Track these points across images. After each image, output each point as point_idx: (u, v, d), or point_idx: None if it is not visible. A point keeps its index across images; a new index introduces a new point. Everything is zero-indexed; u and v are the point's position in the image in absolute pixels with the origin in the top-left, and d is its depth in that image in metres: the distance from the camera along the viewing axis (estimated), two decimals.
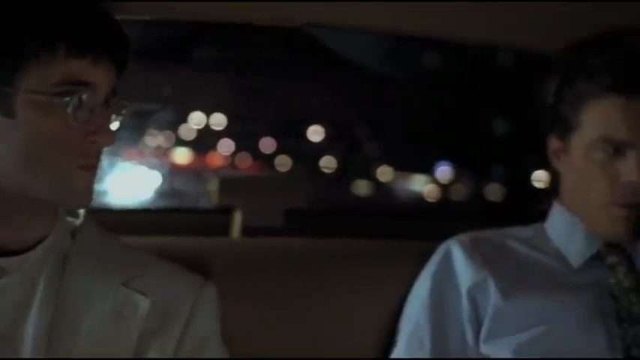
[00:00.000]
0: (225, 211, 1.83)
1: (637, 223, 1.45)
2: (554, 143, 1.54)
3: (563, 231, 1.54)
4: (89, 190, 1.16)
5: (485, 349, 1.45)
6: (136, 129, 2.70)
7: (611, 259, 1.50)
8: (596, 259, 1.51)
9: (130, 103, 1.19)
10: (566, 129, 1.52)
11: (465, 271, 1.49)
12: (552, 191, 1.60)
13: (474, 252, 1.51)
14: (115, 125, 1.18)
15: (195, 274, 1.31)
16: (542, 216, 1.61)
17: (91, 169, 1.16)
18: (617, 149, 1.45)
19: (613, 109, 1.46)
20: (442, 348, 1.47)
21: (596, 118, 1.47)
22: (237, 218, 1.80)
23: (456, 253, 1.52)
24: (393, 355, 1.52)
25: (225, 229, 1.82)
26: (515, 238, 1.58)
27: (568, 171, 1.54)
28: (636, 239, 1.49)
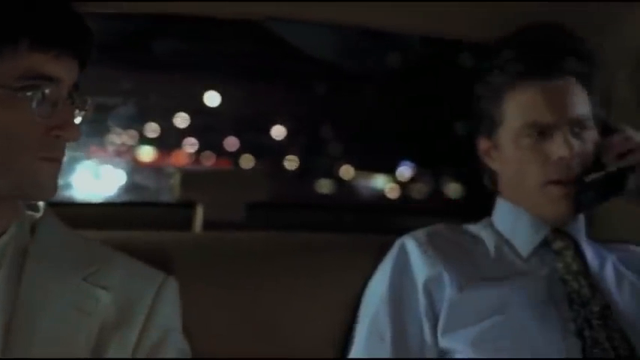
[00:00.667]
0: (188, 206, 1.81)
1: (575, 198, 1.47)
2: (483, 143, 1.58)
3: (509, 222, 1.57)
4: (53, 183, 1.15)
5: (443, 343, 1.45)
6: (99, 124, 2.65)
7: (558, 244, 1.53)
8: (545, 245, 1.53)
9: (92, 97, 1.18)
10: (491, 126, 1.55)
11: (420, 265, 1.50)
12: (493, 191, 1.63)
13: (428, 247, 1.52)
14: (78, 119, 1.16)
15: (156, 269, 1.30)
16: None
17: (54, 162, 1.14)
18: (543, 132, 1.48)
19: (532, 95, 1.49)
20: (402, 342, 1.47)
21: (518, 107, 1.51)
22: (200, 212, 1.77)
23: (411, 248, 1.53)
24: (353, 350, 1.51)
25: (188, 224, 1.80)
26: (467, 233, 1.60)
27: (502, 165, 1.57)
28: (578, 214, 1.52)
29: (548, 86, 1.49)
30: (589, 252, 1.54)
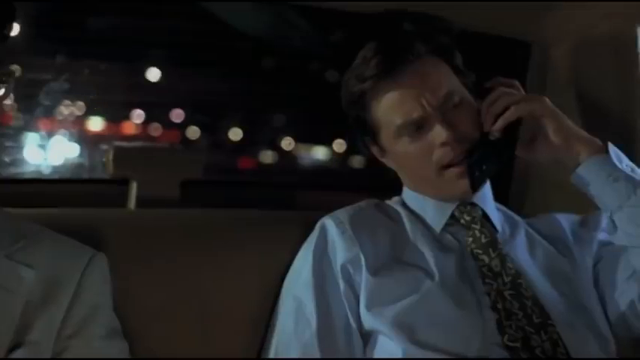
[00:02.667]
0: (123, 182, 1.73)
1: (470, 176, 1.43)
2: (373, 149, 1.54)
3: (418, 204, 1.54)
4: None
5: (367, 324, 1.42)
6: (39, 98, 2.54)
7: (465, 218, 1.50)
8: (456, 221, 1.51)
9: (14, 70, 1.11)
10: (372, 133, 1.51)
11: (338, 247, 1.47)
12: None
13: (347, 227, 1.48)
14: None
15: (84, 244, 1.25)
16: None
17: None
18: (419, 125, 1.43)
19: (393, 96, 1.44)
20: (328, 325, 1.42)
21: (386, 112, 1.46)
22: (133, 189, 1.70)
23: (330, 229, 1.49)
24: (278, 333, 1.47)
25: (124, 200, 1.73)
26: (389, 209, 1.56)
27: (396, 164, 1.53)
28: (478, 187, 1.47)
29: (406, 81, 1.43)
30: (498, 220, 1.52)
